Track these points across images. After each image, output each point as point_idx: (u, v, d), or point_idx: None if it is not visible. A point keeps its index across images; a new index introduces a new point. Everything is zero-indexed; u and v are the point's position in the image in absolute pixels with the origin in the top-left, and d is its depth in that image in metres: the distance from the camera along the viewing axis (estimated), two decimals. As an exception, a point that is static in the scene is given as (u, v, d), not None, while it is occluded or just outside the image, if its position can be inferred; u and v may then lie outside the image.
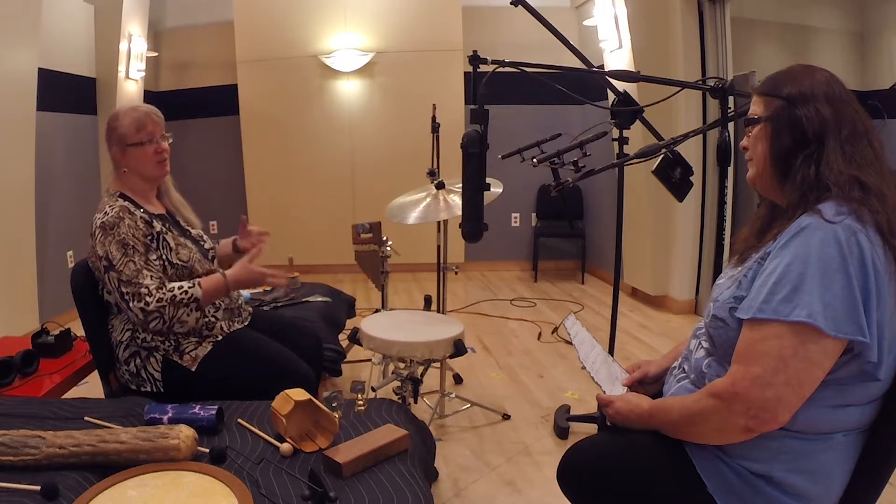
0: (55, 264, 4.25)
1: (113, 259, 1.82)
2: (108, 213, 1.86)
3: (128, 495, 1.27)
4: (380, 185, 5.35)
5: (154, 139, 1.96)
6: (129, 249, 1.83)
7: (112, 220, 1.84)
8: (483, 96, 1.87)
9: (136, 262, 1.83)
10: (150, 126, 1.95)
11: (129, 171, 1.97)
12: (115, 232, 1.83)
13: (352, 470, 1.38)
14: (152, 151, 1.96)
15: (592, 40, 4.94)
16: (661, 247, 4.55)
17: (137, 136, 1.93)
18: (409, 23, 5.57)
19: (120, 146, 1.95)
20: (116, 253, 1.82)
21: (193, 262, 1.98)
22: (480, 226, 1.89)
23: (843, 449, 1.15)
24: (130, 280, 1.80)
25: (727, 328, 1.19)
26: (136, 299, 1.80)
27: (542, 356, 3.70)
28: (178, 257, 1.94)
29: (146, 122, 1.95)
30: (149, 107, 2.01)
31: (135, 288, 1.80)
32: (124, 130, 1.93)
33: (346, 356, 2.87)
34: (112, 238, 1.83)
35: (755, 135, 1.25)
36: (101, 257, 1.84)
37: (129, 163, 1.96)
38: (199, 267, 1.99)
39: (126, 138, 1.93)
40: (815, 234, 1.08)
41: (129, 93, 4.93)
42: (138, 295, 1.80)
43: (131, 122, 1.93)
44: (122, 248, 1.82)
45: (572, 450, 1.41)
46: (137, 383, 1.92)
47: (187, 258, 1.96)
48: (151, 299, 1.80)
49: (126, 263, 1.81)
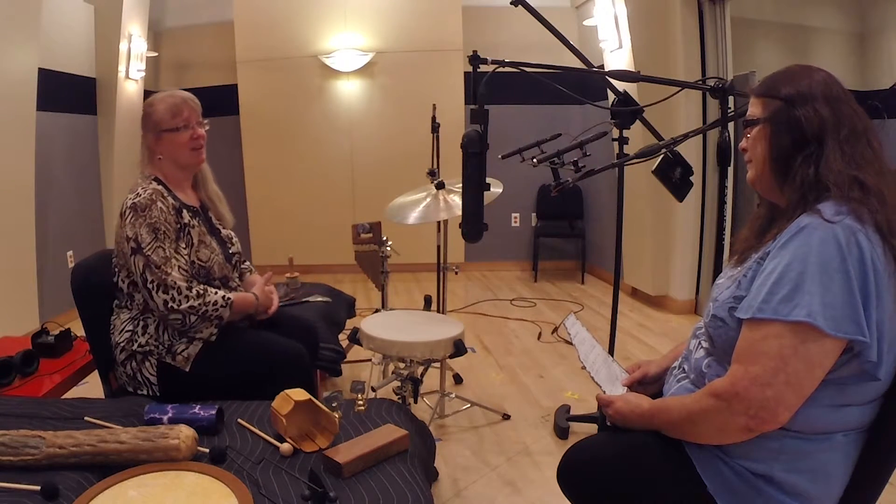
0: (55, 264, 4.25)
1: (142, 242, 1.78)
2: (140, 195, 1.83)
3: (128, 495, 1.27)
4: (380, 185, 5.34)
5: (190, 125, 1.94)
6: (160, 234, 1.80)
7: (144, 202, 1.81)
8: (483, 96, 1.87)
9: (165, 248, 1.80)
10: (186, 112, 1.93)
11: (163, 157, 1.94)
12: (146, 214, 1.80)
13: (352, 470, 1.38)
14: (188, 137, 1.93)
15: (592, 40, 4.94)
16: (661, 247, 4.55)
17: (173, 121, 1.91)
18: (409, 23, 5.57)
19: (155, 132, 1.92)
20: (147, 236, 1.79)
21: (213, 263, 1.95)
22: (480, 226, 1.89)
23: (843, 449, 1.15)
24: (159, 266, 1.78)
25: (727, 328, 1.19)
26: (163, 290, 1.78)
27: (542, 356, 3.70)
28: (198, 256, 1.91)
29: (182, 107, 1.92)
30: (186, 93, 1.98)
31: (161, 277, 1.77)
32: (159, 116, 1.91)
33: (346, 356, 2.87)
34: (143, 220, 1.80)
35: (754, 136, 1.25)
36: (129, 238, 1.80)
37: (164, 149, 1.93)
38: (217, 270, 1.97)
39: (161, 124, 1.91)
40: (814, 233, 1.08)
41: (129, 93, 4.93)
42: (165, 286, 1.77)
43: (167, 107, 1.91)
44: (152, 232, 1.79)
45: (572, 450, 1.40)
46: (134, 386, 1.91)
47: (207, 258, 1.94)
48: (181, 298, 1.78)
49: (155, 249, 1.78)
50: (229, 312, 1.87)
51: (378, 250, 3.16)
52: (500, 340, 4.00)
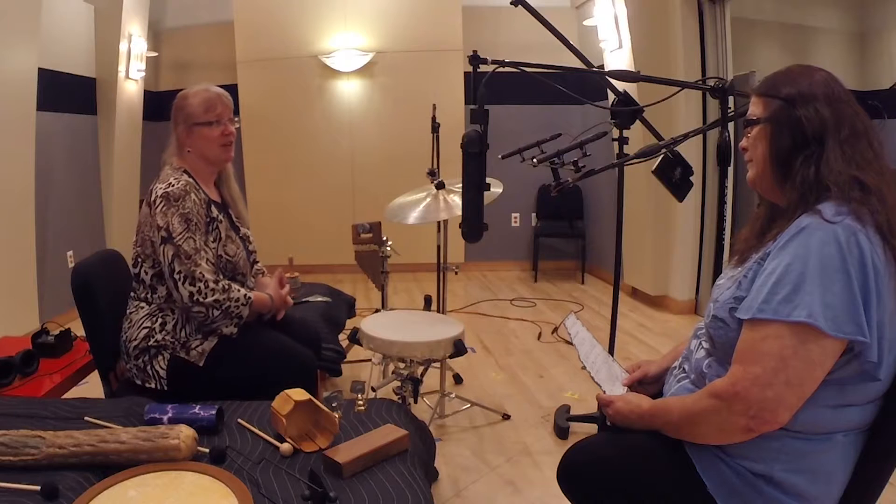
0: (55, 264, 4.25)
1: (173, 231, 1.79)
2: (173, 185, 1.83)
3: (128, 495, 1.27)
4: (380, 185, 5.34)
5: (222, 121, 1.95)
6: (192, 225, 1.81)
7: (178, 192, 1.82)
8: (483, 96, 1.87)
9: (196, 240, 1.80)
10: (219, 107, 1.94)
11: (192, 151, 1.95)
12: (179, 204, 1.81)
13: (352, 470, 1.38)
14: (219, 133, 1.95)
15: (592, 40, 4.94)
16: (661, 247, 4.55)
17: (206, 115, 1.92)
18: (409, 23, 5.57)
19: (186, 125, 1.93)
20: (178, 226, 1.79)
21: (239, 259, 1.97)
22: (480, 226, 1.89)
23: (844, 449, 1.15)
24: (189, 256, 1.78)
25: (727, 328, 1.19)
26: (190, 282, 1.78)
27: (542, 356, 3.70)
28: (226, 251, 1.92)
29: (216, 102, 1.94)
30: (220, 89, 2.00)
31: (190, 268, 1.78)
32: (193, 109, 1.92)
33: (346, 356, 2.87)
34: (176, 210, 1.80)
35: (754, 135, 1.25)
36: (160, 227, 1.80)
37: (194, 143, 1.94)
38: (242, 266, 1.98)
39: (194, 117, 1.92)
40: (814, 234, 1.08)
41: (129, 93, 4.93)
42: (192, 278, 1.78)
43: (201, 101, 1.92)
44: (185, 223, 1.80)
45: (572, 450, 1.40)
46: (143, 378, 1.91)
47: (234, 254, 1.95)
48: (208, 291, 1.79)
49: (186, 239, 1.79)
50: (248, 311, 1.88)
51: (378, 250, 3.16)
52: (499, 340, 4.00)
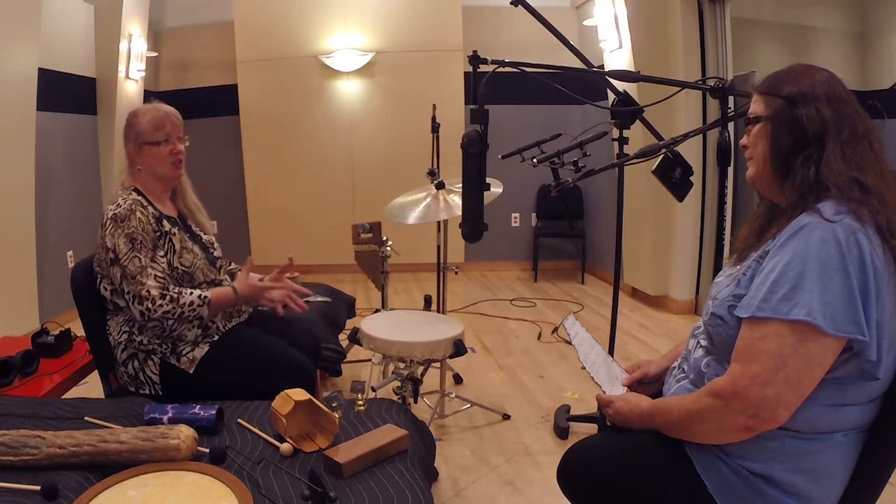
0: (55, 264, 4.25)
1: (119, 252, 1.81)
2: (120, 206, 1.85)
3: (128, 495, 1.27)
4: (380, 185, 5.35)
5: (171, 140, 1.96)
6: (137, 244, 1.82)
7: (123, 213, 1.83)
8: (483, 96, 1.87)
9: (141, 258, 1.81)
10: (168, 126, 1.95)
11: (143, 169, 1.96)
12: (125, 224, 1.82)
13: (352, 470, 1.38)
14: (168, 152, 1.96)
15: (592, 40, 4.94)
16: (661, 247, 4.55)
17: (154, 135, 1.93)
18: (409, 23, 5.57)
19: (136, 143, 1.95)
20: (124, 247, 1.81)
21: (196, 268, 1.97)
22: (480, 226, 1.89)
23: (843, 449, 1.15)
24: (134, 277, 1.79)
25: (726, 326, 1.19)
26: (138, 301, 1.79)
27: (542, 356, 3.70)
28: (181, 262, 1.93)
29: (165, 122, 1.95)
30: (170, 108, 2.01)
31: (136, 288, 1.79)
32: (142, 128, 1.93)
33: (346, 356, 2.87)
34: (122, 231, 1.82)
35: (755, 134, 1.25)
36: (108, 249, 1.82)
37: (144, 161, 1.95)
38: (201, 275, 1.98)
39: (143, 136, 1.93)
40: (814, 232, 1.08)
41: (129, 93, 4.93)
42: (139, 297, 1.79)
43: (150, 120, 1.94)
44: (129, 242, 1.81)
45: (572, 450, 1.41)
46: (136, 385, 1.92)
47: (190, 264, 1.95)
48: (155, 307, 1.79)
49: (131, 259, 1.80)
50: (208, 311, 1.88)
51: (378, 250, 3.16)
52: (499, 340, 4.00)
